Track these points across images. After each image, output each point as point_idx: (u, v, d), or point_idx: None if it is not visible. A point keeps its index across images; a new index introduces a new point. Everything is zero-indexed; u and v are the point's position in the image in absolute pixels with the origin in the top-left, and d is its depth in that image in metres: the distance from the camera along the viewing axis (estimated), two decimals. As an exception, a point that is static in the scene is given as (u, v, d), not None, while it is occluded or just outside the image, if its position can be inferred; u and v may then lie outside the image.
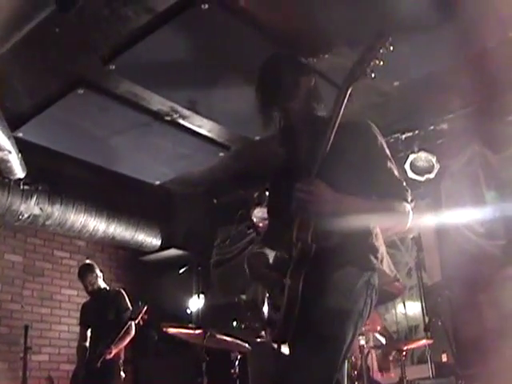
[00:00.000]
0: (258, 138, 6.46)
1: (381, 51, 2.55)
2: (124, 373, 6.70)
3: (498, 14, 4.92)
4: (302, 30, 5.08)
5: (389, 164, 2.71)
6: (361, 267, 2.63)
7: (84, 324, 7.01)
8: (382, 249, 2.75)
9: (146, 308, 6.45)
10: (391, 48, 2.55)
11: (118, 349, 6.52)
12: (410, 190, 2.69)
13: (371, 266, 2.65)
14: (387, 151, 2.74)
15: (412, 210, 2.68)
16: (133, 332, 6.65)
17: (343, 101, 2.55)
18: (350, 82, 2.57)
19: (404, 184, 2.71)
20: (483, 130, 6.49)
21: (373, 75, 2.57)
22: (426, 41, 5.13)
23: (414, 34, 5.03)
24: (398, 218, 2.66)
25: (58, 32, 4.94)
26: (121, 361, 6.67)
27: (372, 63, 2.55)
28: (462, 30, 5.10)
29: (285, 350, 2.62)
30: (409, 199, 2.67)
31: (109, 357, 6.36)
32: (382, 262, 2.71)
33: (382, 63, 2.56)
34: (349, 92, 2.56)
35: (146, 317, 6.46)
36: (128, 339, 6.66)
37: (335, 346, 2.49)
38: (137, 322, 6.48)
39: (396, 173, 2.72)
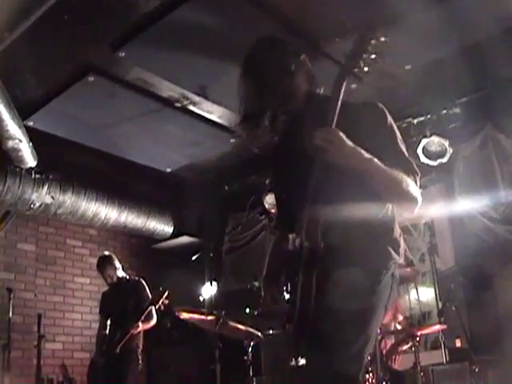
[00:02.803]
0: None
1: (372, 43, 2.46)
2: (142, 362, 6.73)
3: None
4: (313, 14, 5.04)
5: (399, 144, 2.65)
6: (385, 265, 2.59)
7: (104, 313, 7.02)
8: (401, 241, 2.71)
9: (166, 293, 6.45)
10: (383, 39, 2.46)
11: (138, 331, 6.56)
12: (419, 174, 2.61)
13: (394, 261, 2.62)
14: (397, 131, 2.67)
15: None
16: (155, 318, 6.67)
17: (339, 95, 2.46)
18: (342, 77, 2.49)
19: (414, 165, 2.63)
20: (496, 113, 6.43)
21: (366, 69, 2.49)
22: (437, 24, 5.08)
23: (425, 18, 4.98)
24: (410, 192, 2.53)
25: (67, 19, 4.92)
26: (139, 350, 6.68)
27: (364, 55, 2.47)
28: (473, 13, 5.06)
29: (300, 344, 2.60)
30: (418, 181, 2.59)
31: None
32: (402, 256, 2.67)
33: (375, 56, 2.47)
34: (343, 86, 2.47)
35: (166, 302, 6.45)
36: (151, 324, 6.69)
37: (363, 341, 2.47)
38: (157, 307, 6.48)
39: (406, 153, 2.65)
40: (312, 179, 2.50)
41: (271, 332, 5.82)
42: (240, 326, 5.41)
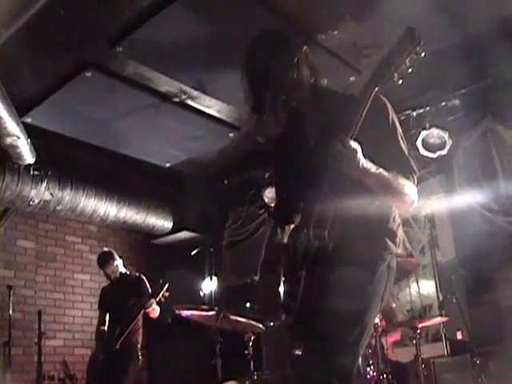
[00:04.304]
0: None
1: (410, 56, 2.39)
2: (142, 357, 6.73)
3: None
4: (310, 7, 5.01)
5: (399, 141, 2.64)
6: (380, 255, 2.60)
7: (103, 308, 7.00)
8: (400, 232, 2.71)
9: (167, 286, 6.45)
10: (423, 54, 2.39)
11: (137, 327, 6.62)
12: (417, 172, 2.63)
13: (390, 252, 2.63)
14: (398, 127, 2.67)
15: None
16: (157, 310, 6.65)
17: (366, 103, 2.42)
18: (374, 84, 2.43)
19: (412, 164, 2.63)
20: (495, 105, 6.41)
21: (400, 81, 2.43)
22: (436, 17, 5.06)
23: (424, 10, 4.96)
24: (407, 196, 2.56)
25: (63, 14, 4.89)
26: (139, 345, 6.68)
27: (401, 67, 2.40)
28: (472, 5, 5.04)
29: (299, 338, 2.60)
30: (415, 181, 2.60)
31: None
32: (399, 246, 2.67)
33: (411, 70, 2.42)
34: (373, 93, 2.43)
35: (167, 294, 6.46)
36: (154, 316, 6.68)
37: (358, 333, 2.48)
38: (158, 299, 6.48)
39: (406, 152, 2.65)
40: (320, 176, 2.51)
41: (272, 323, 5.81)
42: (241, 319, 5.40)
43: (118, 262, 7.00)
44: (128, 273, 7.08)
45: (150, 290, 6.77)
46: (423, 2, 4.85)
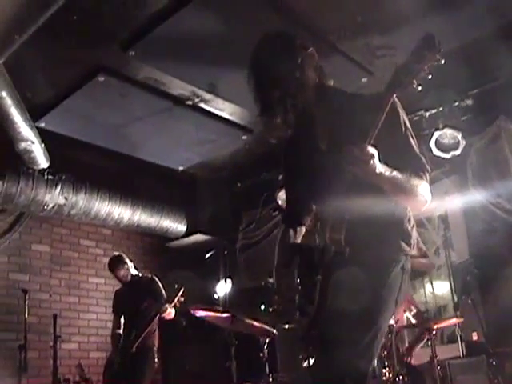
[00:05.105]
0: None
1: (430, 64, 2.36)
2: (158, 360, 6.74)
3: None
4: (323, 10, 5.01)
5: (410, 141, 2.64)
6: (394, 257, 2.61)
7: (117, 312, 7.03)
8: (414, 233, 2.71)
9: (182, 291, 6.46)
10: (442, 61, 2.35)
11: (154, 329, 6.64)
12: (429, 170, 2.62)
13: (405, 253, 2.63)
14: (409, 127, 2.66)
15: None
16: (172, 312, 6.65)
17: (385, 109, 2.40)
18: (393, 91, 2.42)
19: (424, 162, 2.63)
20: (508, 104, 6.38)
21: (419, 88, 2.40)
22: (447, 17, 5.04)
23: (435, 9, 4.95)
24: (420, 195, 2.57)
25: (76, 19, 4.92)
26: (155, 348, 6.70)
27: (420, 74, 2.37)
28: (483, 4, 5.02)
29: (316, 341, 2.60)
30: (428, 179, 2.60)
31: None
32: (414, 247, 2.67)
33: (430, 76, 2.38)
34: (391, 101, 2.41)
35: (182, 299, 6.47)
36: (169, 318, 6.70)
37: (373, 335, 2.49)
38: (173, 304, 6.49)
39: (418, 151, 2.65)
40: (333, 179, 2.51)
41: (287, 326, 5.79)
42: (255, 323, 5.40)
43: (129, 265, 7.02)
44: (140, 275, 7.10)
45: (163, 291, 6.79)
46: (435, 2, 4.84)
